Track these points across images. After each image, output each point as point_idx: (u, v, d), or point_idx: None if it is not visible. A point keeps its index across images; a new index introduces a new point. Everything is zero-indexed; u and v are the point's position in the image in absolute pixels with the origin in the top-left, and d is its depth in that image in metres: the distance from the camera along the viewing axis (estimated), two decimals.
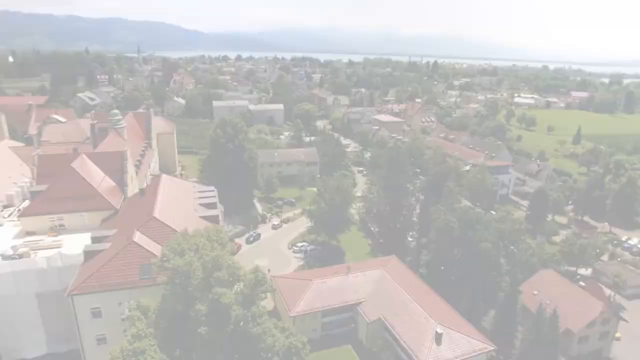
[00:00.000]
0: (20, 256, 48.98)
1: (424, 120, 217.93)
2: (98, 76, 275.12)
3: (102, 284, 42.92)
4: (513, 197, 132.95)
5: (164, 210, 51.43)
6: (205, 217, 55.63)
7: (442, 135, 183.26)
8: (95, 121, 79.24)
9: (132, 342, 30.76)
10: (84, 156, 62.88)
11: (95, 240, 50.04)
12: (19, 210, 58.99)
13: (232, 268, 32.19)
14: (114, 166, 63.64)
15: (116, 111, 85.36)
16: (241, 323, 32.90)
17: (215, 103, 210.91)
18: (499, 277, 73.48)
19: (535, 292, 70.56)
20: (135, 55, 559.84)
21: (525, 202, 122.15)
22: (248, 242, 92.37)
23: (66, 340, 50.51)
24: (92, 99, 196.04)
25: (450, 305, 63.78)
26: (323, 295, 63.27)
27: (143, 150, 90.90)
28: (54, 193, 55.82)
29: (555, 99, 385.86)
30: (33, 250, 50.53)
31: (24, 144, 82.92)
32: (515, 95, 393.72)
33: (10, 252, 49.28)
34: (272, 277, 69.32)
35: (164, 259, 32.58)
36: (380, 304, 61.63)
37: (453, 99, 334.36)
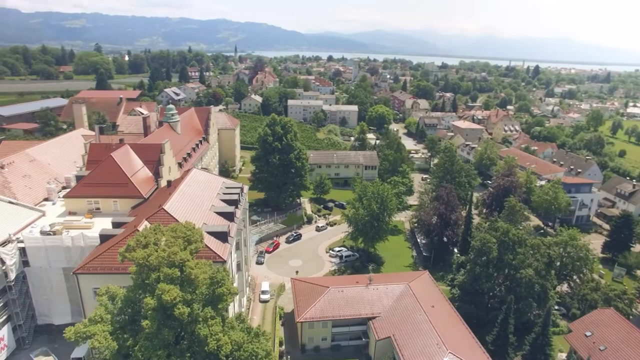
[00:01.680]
0: (54, 233, 54.27)
1: (507, 128, 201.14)
2: (191, 73, 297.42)
3: (104, 266, 45.75)
4: (596, 220, 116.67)
5: (178, 203, 53.33)
6: (220, 213, 56.70)
7: (523, 146, 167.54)
8: (148, 115, 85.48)
9: (87, 325, 32.24)
10: (128, 146, 67.92)
11: (115, 225, 53.69)
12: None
13: (185, 267, 32.02)
14: (153, 157, 67.87)
15: (171, 106, 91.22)
16: (195, 322, 32.72)
17: (290, 102, 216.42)
18: (542, 309, 64.75)
19: (588, 334, 60.73)
20: (232, 54, 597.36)
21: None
22: (288, 241, 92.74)
23: None
24: (177, 94, 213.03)
25: (476, 334, 57.44)
26: (337, 304, 60.93)
27: (197, 144, 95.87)
28: (93, 179, 60.98)
29: None
30: (66, 229, 55.70)
31: (95, 133, 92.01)
32: (630, 104, 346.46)
33: (47, 228, 54.85)
34: (292, 280, 68.88)
35: (127, 249, 33.60)
36: (394, 322, 57.61)
37: (550, 107, 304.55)
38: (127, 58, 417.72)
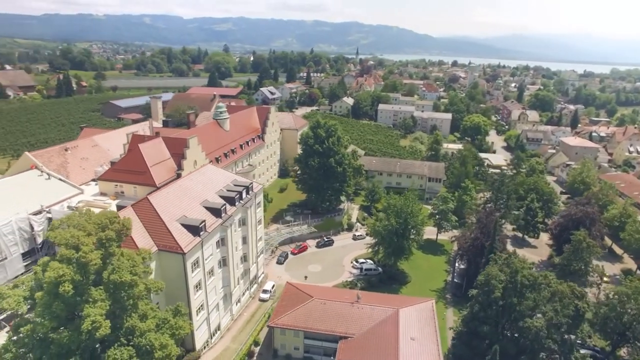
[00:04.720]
0: (76, 209, 63.03)
1: (632, 149, 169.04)
2: (302, 74, 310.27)
3: None
4: None
5: (167, 195, 57.66)
6: (209, 209, 59.54)
7: None
8: (192, 111, 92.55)
9: (10, 288, 37.34)
10: (160, 139, 75.04)
11: (118, 208, 60.27)
12: None
13: (80, 250, 34.92)
14: (179, 150, 73.84)
15: (221, 104, 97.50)
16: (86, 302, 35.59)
17: (380, 106, 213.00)
18: None
19: None
20: (353, 56, 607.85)
21: None
22: (318, 246, 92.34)
23: None
24: (272, 93, 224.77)
25: None
26: (314, 316, 59.10)
27: (247, 142, 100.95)
28: (122, 165, 69.04)
29: None
30: (88, 207, 64.04)
31: (161, 125, 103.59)
32: None
33: (74, 204, 64.01)
34: (286, 283, 68.87)
35: (52, 227, 37.93)
36: (363, 347, 53.80)
37: None
38: (251, 58, 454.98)
